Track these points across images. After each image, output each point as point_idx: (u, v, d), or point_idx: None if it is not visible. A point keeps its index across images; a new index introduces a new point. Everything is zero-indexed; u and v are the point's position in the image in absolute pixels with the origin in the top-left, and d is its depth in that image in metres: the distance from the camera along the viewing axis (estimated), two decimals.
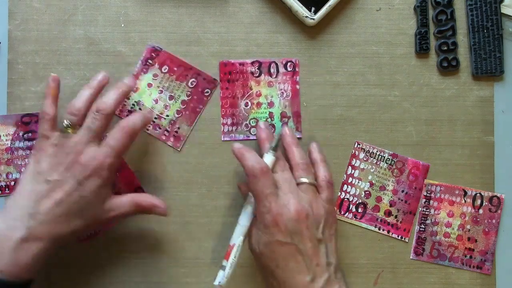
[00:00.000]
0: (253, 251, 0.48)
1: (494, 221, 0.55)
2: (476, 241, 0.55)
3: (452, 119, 0.56)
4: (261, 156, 0.49)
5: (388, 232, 0.55)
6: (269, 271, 0.47)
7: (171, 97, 0.54)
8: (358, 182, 0.55)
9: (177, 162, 0.55)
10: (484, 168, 0.55)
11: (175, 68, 0.54)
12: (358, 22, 0.56)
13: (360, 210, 0.55)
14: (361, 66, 0.56)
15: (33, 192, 0.46)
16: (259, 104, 0.55)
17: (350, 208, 0.55)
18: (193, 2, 0.55)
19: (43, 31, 0.55)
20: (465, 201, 0.55)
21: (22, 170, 0.54)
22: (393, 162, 0.55)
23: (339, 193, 0.55)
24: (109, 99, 0.48)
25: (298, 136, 0.55)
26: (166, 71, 0.54)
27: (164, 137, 0.54)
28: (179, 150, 0.54)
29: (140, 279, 0.54)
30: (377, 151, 0.55)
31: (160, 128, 0.54)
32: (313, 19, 0.54)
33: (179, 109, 0.54)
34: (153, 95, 0.55)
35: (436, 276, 0.55)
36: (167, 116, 0.54)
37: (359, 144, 0.55)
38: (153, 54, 0.55)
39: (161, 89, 0.54)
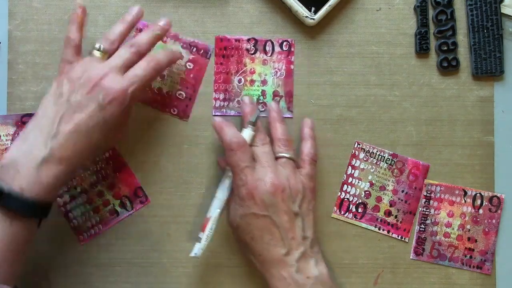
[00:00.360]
0: (230, 224, 0.49)
1: (494, 221, 0.55)
2: (476, 241, 0.55)
3: (452, 119, 0.56)
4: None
5: (388, 232, 0.55)
6: (245, 244, 0.48)
7: None
8: (358, 182, 0.55)
9: (177, 162, 0.55)
10: (484, 168, 0.55)
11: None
12: (358, 22, 0.56)
13: (360, 210, 0.55)
14: (361, 66, 0.56)
15: (55, 113, 0.45)
16: (252, 82, 0.55)
17: (350, 208, 0.55)
18: (193, 2, 0.55)
19: (43, 31, 0.55)
20: (465, 201, 0.55)
21: None
22: (393, 162, 0.55)
23: (339, 193, 0.55)
24: (143, 38, 0.49)
25: (289, 116, 0.55)
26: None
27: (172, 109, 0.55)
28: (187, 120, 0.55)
29: (140, 279, 0.54)
30: (377, 151, 0.55)
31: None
32: (313, 19, 0.54)
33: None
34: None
35: (436, 276, 0.55)
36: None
37: (359, 144, 0.55)
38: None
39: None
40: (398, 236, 0.55)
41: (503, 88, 0.56)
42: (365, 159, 0.55)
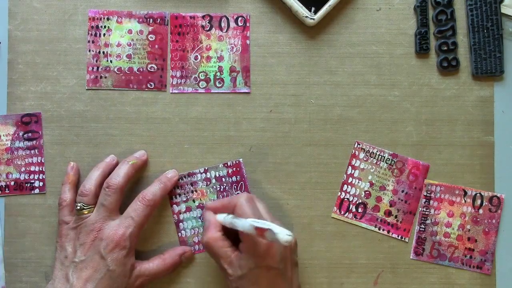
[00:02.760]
0: (231, 274, 0.47)
1: (494, 221, 0.55)
2: (476, 241, 0.55)
3: (452, 119, 0.56)
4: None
5: (388, 232, 0.55)
6: None
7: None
8: (358, 182, 0.55)
9: (178, 162, 0.55)
10: (484, 168, 0.55)
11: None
12: (358, 22, 0.56)
13: (360, 210, 0.55)
14: (361, 66, 0.56)
15: (65, 276, 0.49)
16: (208, 58, 0.55)
17: (350, 208, 0.55)
18: (193, 2, 0.55)
19: (43, 31, 0.55)
20: (465, 201, 0.55)
21: (22, 170, 0.54)
22: (393, 162, 0.55)
23: (339, 193, 0.55)
24: (118, 175, 0.51)
25: (246, 91, 0.55)
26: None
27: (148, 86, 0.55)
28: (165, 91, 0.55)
29: None
30: (377, 151, 0.55)
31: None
32: (313, 19, 0.54)
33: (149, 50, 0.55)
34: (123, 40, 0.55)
35: (436, 276, 0.55)
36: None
37: (359, 144, 0.55)
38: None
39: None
40: (398, 236, 0.55)
41: (503, 88, 0.56)
42: (365, 159, 0.55)
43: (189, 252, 0.53)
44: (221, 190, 0.54)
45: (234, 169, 0.55)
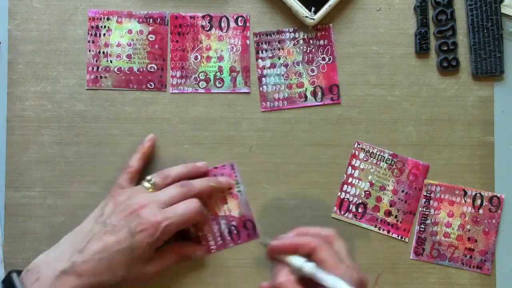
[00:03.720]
0: None
1: (494, 221, 0.55)
2: (476, 241, 0.55)
3: (452, 119, 0.56)
4: None
5: (388, 232, 0.55)
6: None
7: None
8: (358, 182, 0.55)
9: (178, 162, 0.54)
10: (484, 168, 0.55)
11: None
12: (358, 22, 0.56)
13: (360, 210, 0.55)
14: (361, 66, 0.56)
15: (89, 231, 0.47)
16: (208, 58, 0.55)
17: (350, 208, 0.55)
18: (193, 2, 0.55)
19: (43, 31, 0.55)
20: (465, 201, 0.55)
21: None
22: (393, 162, 0.55)
23: (339, 193, 0.55)
24: (198, 184, 0.51)
25: (246, 91, 0.55)
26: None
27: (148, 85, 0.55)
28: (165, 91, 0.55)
29: None
30: (377, 151, 0.55)
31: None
32: (313, 19, 0.54)
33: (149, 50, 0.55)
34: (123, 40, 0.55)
35: (436, 276, 0.55)
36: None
37: (359, 144, 0.55)
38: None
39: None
40: (398, 236, 0.55)
41: (503, 88, 0.56)
42: (365, 159, 0.55)
43: (202, 253, 0.53)
44: (307, 51, 0.55)
45: (322, 32, 0.55)
